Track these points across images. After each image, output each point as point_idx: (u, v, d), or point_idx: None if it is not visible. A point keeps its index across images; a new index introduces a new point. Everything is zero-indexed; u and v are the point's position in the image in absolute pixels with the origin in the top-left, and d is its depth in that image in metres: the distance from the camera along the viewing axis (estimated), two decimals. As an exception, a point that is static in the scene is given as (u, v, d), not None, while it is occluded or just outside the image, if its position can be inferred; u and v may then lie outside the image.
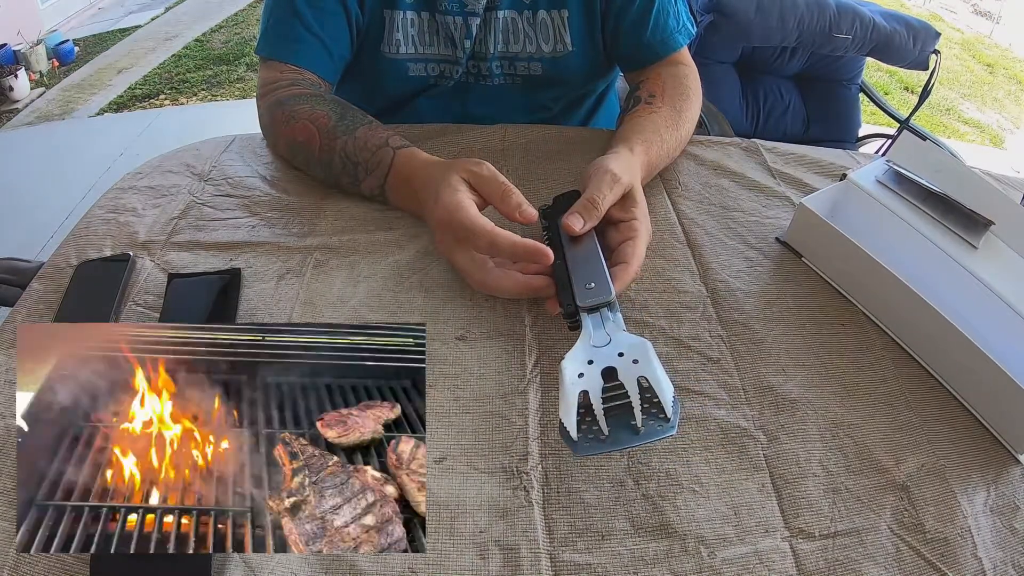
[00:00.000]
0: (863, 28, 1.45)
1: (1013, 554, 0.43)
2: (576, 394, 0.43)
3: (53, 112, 3.46)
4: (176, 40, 4.27)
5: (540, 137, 0.77)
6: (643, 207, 0.59)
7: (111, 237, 0.63)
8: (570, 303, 0.49)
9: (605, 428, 0.42)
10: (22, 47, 3.73)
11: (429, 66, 0.80)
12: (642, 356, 0.45)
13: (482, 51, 0.80)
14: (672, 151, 0.72)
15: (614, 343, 0.46)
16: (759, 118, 1.61)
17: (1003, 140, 3.63)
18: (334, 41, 0.75)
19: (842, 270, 0.59)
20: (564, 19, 0.79)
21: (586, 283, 0.50)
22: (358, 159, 0.64)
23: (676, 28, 0.80)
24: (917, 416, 0.50)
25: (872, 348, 0.55)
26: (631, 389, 0.43)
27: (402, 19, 0.77)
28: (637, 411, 0.42)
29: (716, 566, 0.41)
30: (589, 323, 0.48)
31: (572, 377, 0.44)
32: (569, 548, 0.41)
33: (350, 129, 0.66)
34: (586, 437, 0.42)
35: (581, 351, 0.46)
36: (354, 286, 0.57)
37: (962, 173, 0.60)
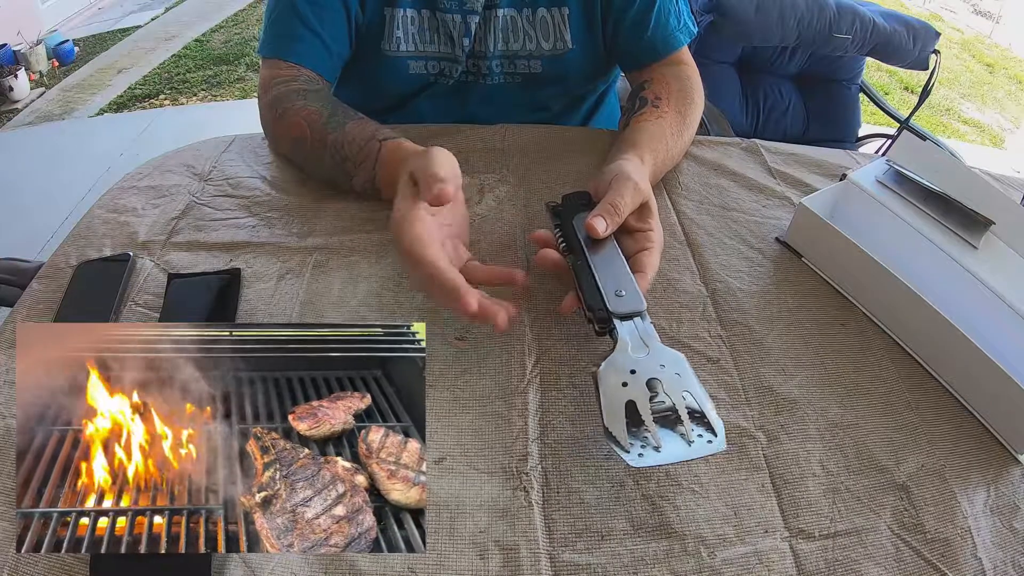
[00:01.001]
0: (863, 28, 1.45)
1: (1013, 554, 0.43)
2: (623, 403, 0.43)
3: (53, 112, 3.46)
4: (176, 40, 4.27)
5: (540, 137, 0.77)
6: (658, 217, 0.58)
7: (111, 237, 0.63)
8: (602, 309, 0.48)
9: (659, 440, 0.42)
10: (22, 47, 3.73)
11: (429, 64, 0.80)
12: (682, 370, 0.45)
13: (482, 50, 0.80)
14: (675, 157, 0.72)
15: (653, 354, 0.46)
16: (759, 118, 1.61)
17: (1003, 140, 3.63)
18: (333, 39, 0.75)
19: (842, 270, 0.59)
20: (564, 17, 0.79)
21: (616, 290, 0.49)
22: (347, 153, 0.64)
23: (677, 27, 0.80)
24: (917, 416, 0.50)
25: (872, 348, 0.55)
26: (678, 402, 0.43)
27: (402, 16, 0.77)
28: (687, 424, 0.42)
29: (716, 566, 0.41)
30: (625, 332, 0.47)
31: (616, 385, 0.44)
32: (569, 548, 0.41)
33: (340, 124, 0.66)
34: (638, 447, 0.42)
35: (621, 360, 0.45)
36: (354, 286, 0.57)
37: (962, 173, 0.60)
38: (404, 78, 0.81)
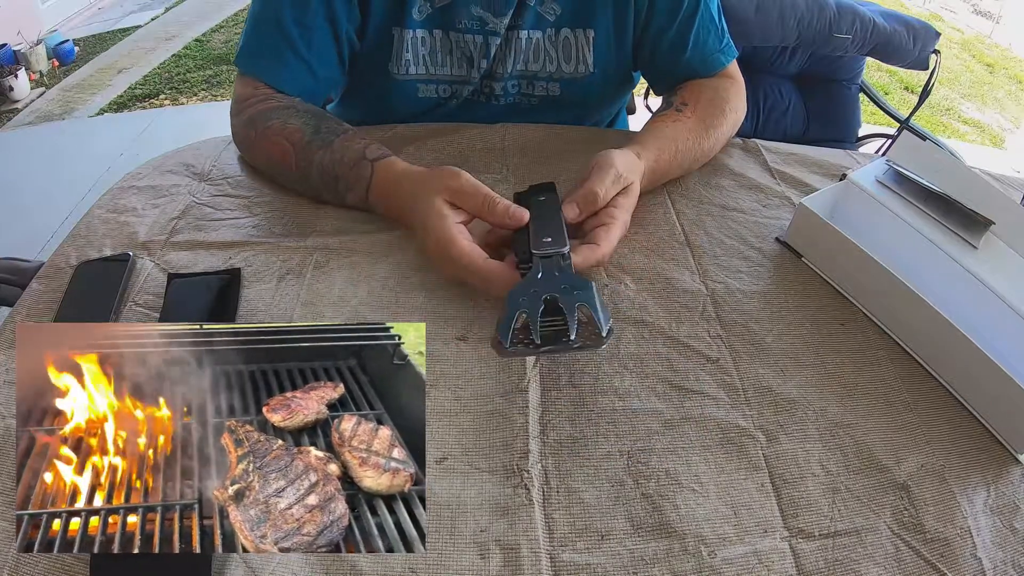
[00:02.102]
0: (863, 28, 1.45)
1: (1013, 554, 0.43)
2: (515, 313, 0.46)
3: (53, 112, 3.46)
4: (176, 40, 4.26)
5: (540, 137, 0.77)
6: (631, 201, 0.59)
7: (111, 237, 0.63)
8: (525, 251, 0.51)
9: (538, 339, 0.45)
10: (22, 47, 3.73)
11: (440, 87, 0.78)
12: (585, 290, 0.47)
13: (498, 71, 0.77)
14: (691, 162, 0.71)
15: (561, 278, 0.49)
16: (759, 118, 1.61)
17: (1003, 140, 3.63)
18: (320, 62, 0.72)
19: (842, 270, 0.59)
20: (589, 39, 0.76)
21: (543, 237, 0.52)
22: (338, 173, 0.63)
23: (718, 48, 0.77)
24: (917, 416, 0.50)
25: (872, 348, 0.55)
26: (568, 312, 0.46)
27: (412, 38, 0.74)
28: (572, 326, 0.45)
29: (716, 566, 0.41)
30: (540, 265, 0.50)
31: (514, 301, 0.47)
32: (569, 548, 0.41)
33: (326, 142, 0.64)
34: (514, 344, 0.45)
35: (527, 283, 0.49)
36: (355, 286, 0.57)
37: (962, 173, 0.60)
38: (412, 101, 0.79)
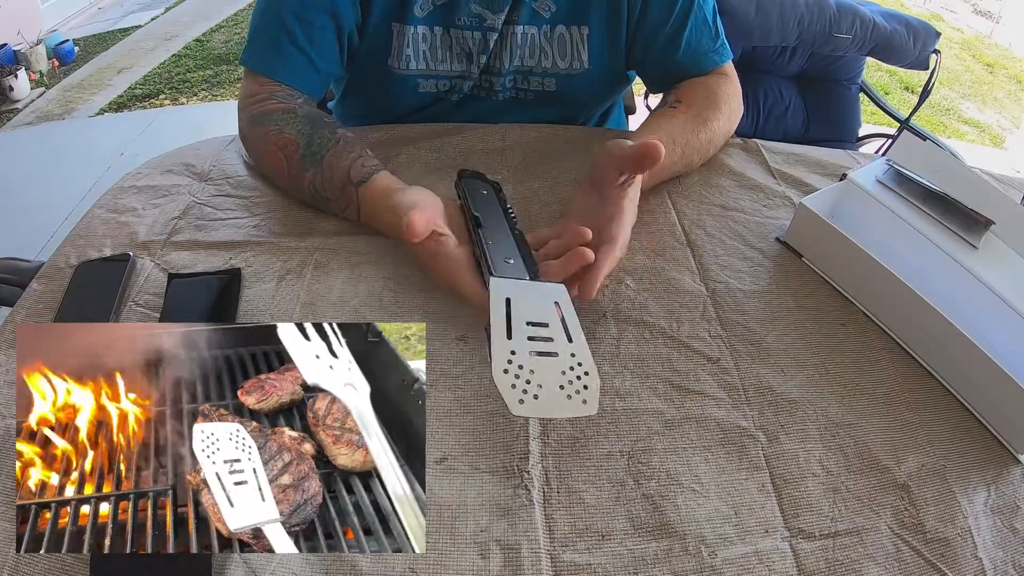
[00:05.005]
0: (863, 28, 1.45)
1: (1013, 554, 0.43)
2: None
3: (53, 112, 3.45)
4: (176, 40, 4.26)
5: (540, 137, 0.77)
6: (635, 192, 0.58)
7: (111, 237, 0.63)
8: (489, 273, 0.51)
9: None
10: (22, 47, 3.72)
11: (440, 83, 0.79)
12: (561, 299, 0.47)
13: (496, 66, 0.78)
14: (687, 155, 0.70)
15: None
16: (759, 118, 1.61)
17: (1003, 140, 3.63)
18: (321, 57, 0.73)
19: (842, 270, 0.59)
20: (584, 36, 0.77)
21: (505, 257, 0.52)
22: (328, 195, 0.63)
23: (712, 48, 0.78)
24: (917, 416, 0.50)
25: (872, 348, 0.55)
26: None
27: (412, 34, 0.75)
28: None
29: (716, 566, 0.41)
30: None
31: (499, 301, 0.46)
32: (569, 548, 0.41)
33: (316, 159, 0.64)
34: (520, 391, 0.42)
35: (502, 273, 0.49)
36: (355, 287, 0.57)
37: (962, 173, 0.60)
38: (412, 96, 0.79)
